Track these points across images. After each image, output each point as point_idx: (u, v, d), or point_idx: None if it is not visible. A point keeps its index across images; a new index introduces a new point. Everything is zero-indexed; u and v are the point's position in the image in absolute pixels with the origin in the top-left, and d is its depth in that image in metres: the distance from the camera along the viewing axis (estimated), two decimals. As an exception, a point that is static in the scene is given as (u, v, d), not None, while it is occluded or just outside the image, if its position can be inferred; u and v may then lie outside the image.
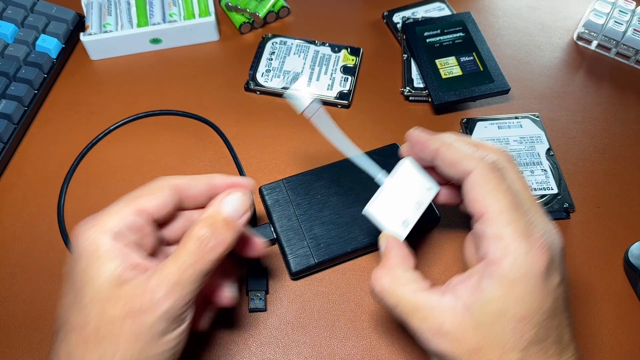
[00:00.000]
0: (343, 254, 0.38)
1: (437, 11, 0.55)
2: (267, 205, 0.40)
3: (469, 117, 0.47)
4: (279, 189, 0.41)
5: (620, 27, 0.51)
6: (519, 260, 0.25)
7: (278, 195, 0.40)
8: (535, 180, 0.43)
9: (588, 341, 0.37)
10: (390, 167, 0.34)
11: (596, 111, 0.49)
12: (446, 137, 0.30)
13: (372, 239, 0.39)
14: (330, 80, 0.50)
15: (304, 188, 0.41)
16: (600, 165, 0.46)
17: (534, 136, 0.46)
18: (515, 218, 0.26)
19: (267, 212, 0.40)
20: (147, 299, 0.25)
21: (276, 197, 0.40)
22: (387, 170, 0.33)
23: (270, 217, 0.39)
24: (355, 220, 0.39)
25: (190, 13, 0.52)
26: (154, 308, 0.25)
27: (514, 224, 0.26)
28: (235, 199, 0.30)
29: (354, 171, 0.40)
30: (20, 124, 0.46)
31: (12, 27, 0.49)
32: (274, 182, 0.41)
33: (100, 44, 0.51)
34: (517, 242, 0.25)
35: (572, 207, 0.42)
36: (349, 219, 0.39)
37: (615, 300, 0.38)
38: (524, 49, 0.54)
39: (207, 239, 0.27)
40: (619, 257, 0.40)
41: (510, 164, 0.29)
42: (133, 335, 0.25)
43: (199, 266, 0.27)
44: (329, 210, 0.40)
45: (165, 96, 0.49)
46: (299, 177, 0.41)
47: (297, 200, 0.40)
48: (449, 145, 0.29)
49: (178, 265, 0.26)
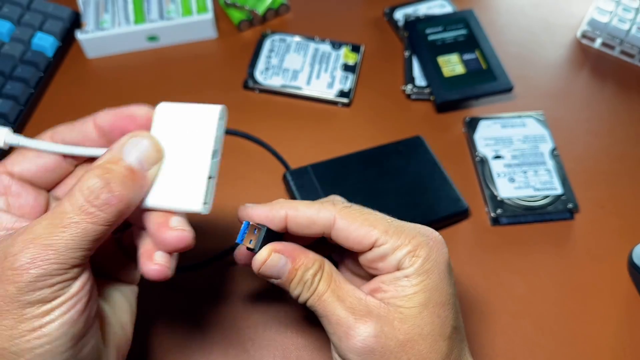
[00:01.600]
0: None
1: (439, 8, 0.54)
2: (292, 191, 0.40)
3: (472, 116, 0.46)
4: (305, 174, 0.41)
5: (624, 25, 0.51)
6: (429, 254, 0.26)
7: (304, 181, 0.41)
8: (539, 181, 0.42)
9: (591, 342, 0.36)
10: (416, 159, 0.35)
11: (600, 110, 0.49)
12: (284, 203, 0.27)
13: None
14: (330, 78, 0.49)
15: (330, 174, 0.41)
16: (604, 164, 0.45)
17: (537, 136, 0.45)
18: (399, 228, 0.27)
19: (293, 197, 0.40)
20: (7, 264, 0.21)
21: (302, 183, 0.40)
22: (415, 163, 0.33)
23: None
24: (384, 208, 0.39)
25: (188, 10, 0.52)
26: (18, 276, 0.21)
27: (404, 233, 0.27)
28: (141, 141, 0.24)
29: (381, 159, 0.42)
30: (17, 123, 0.46)
31: (8, 25, 0.49)
32: (300, 168, 0.41)
33: (96, 41, 0.50)
34: (416, 242, 0.26)
35: (576, 208, 0.41)
36: (379, 207, 0.39)
37: (619, 302, 0.38)
38: (527, 47, 0.53)
39: (97, 192, 0.22)
40: (623, 258, 0.40)
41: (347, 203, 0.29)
42: None
43: (82, 228, 0.22)
44: (358, 197, 0.40)
45: (163, 94, 0.49)
46: (326, 163, 0.42)
47: (324, 186, 0.40)
48: (296, 209, 0.27)
49: (52, 224, 0.22)
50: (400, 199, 0.40)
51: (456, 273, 0.39)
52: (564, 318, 0.37)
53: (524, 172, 0.43)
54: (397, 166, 0.42)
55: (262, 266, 0.26)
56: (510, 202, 0.41)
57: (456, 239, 0.41)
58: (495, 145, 0.44)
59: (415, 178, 0.42)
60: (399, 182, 0.35)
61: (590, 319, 0.37)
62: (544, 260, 0.40)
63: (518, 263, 0.40)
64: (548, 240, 0.41)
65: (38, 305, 0.21)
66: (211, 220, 0.40)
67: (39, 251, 0.21)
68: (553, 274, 0.39)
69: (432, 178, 0.42)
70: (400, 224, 0.27)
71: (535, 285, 0.39)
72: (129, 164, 0.23)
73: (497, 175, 0.43)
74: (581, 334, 0.37)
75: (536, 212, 0.41)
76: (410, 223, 0.28)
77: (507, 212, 0.41)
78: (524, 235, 0.41)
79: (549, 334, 0.37)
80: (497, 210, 0.41)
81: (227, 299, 0.37)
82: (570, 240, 0.41)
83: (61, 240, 0.21)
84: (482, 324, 0.37)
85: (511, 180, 0.42)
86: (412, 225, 0.28)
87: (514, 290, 0.38)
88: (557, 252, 0.40)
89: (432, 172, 0.42)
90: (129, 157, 0.24)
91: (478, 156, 0.44)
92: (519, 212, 0.41)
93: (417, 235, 0.26)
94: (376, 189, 0.41)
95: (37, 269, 0.21)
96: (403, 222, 0.28)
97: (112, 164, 0.23)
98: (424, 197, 0.41)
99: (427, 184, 0.41)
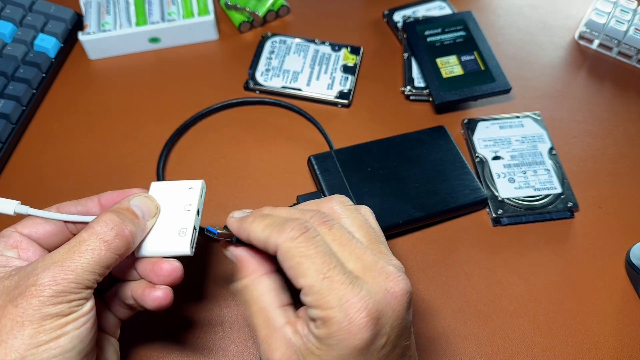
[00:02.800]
0: (393, 225, 0.39)
1: (437, 10, 0.55)
2: (316, 174, 0.41)
3: (470, 118, 0.47)
4: (329, 158, 0.42)
5: (622, 26, 0.51)
6: (334, 333, 0.24)
7: (328, 165, 0.41)
8: (538, 180, 0.43)
9: (589, 342, 0.37)
10: (438, 147, 0.39)
11: (598, 111, 0.49)
12: (253, 220, 0.27)
13: (423, 213, 0.40)
14: (330, 80, 0.49)
15: (354, 159, 0.42)
16: (601, 165, 0.45)
17: (535, 135, 0.45)
18: (327, 288, 0.24)
19: (317, 181, 0.41)
20: (30, 282, 0.24)
21: (326, 167, 0.41)
22: (436, 151, 0.37)
23: (320, 186, 0.40)
24: (405, 194, 0.40)
25: (189, 12, 0.52)
26: (40, 291, 0.24)
27: (329, 295, 0.24)
28: (143, 199, 0.29)
29: (403, 147, 0.43)
30: (19, 124, 0.46)
31: (10, 27, 0.49)
32: (324, 152, 0.42)
33: (98, 43, 0.51)
34: (329, 314, 0.24)
35: (576, 207, 0.42)
36: (400, 193, 0.40)
37: (617, 301, 0.38)
38: (526, 48, 0.53)
39: (113, 224, 0.27)
40: (620, 258, 0.40)
41: (325, 222, 0.26)
42: (17, 322, 0.24)
43: (97, 254, 0.26)
44: (379, 183, 0.40)
45: (164, 95, 0.49)
46: (350, 149, 0.43)
47: (347, 171, 0.41)
48: (254, 232, 0.27)
49: (71, 249, 0.26)
50: (420, 186, 0.41)
51: (455, 272, 0.39)
52: (561, 317, 0.38)
53: (523, 172, 0.43)
54: (419, 154, 0.43)
55: (226, 252, 0.30)
56: (511, 202, 0.42)
57: (457, 239, 0.41)
58: (494, 146, 0.45)
59: (436, 166, 0.42)
60: (420, 170, 0.36)
61: (588, 317, 0.38)
62: (542, 260, 0.40)
63: (516, 262, 0.40)
64: (546, 240, 0.41)
65: (56, 318, 0.24)
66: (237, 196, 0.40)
67: (59, 271, 0.25)
68: (550, 273, 0.39)
69: (453, 167, 0.42)
70: (340, 279, 0.24)
71: (533, 284, 0.39)
72: (135, 212, 0.29)
73: (497, 176, 0.43)
74: (578, 332, 0.37)
75: (537, 212, 0.41)
76: (369, 275, 0.25)
77: (508, 212, 0.41)
78: (523, 235, 0.41)
79: (546, 333, 0.37)
80: (498, 211, 0.41)
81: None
82: (567, 240, 0.41)
83: (79, 263, 0.25)
84: (481, 323, 0.37)
85: (511, 181, 0.43)
86: (341, 292, 0.24)
87: (511, 289, 0.39)
88: (554, 251, 0.41)
89: (453, 161, 0.43)
90: (135, 208, 0.29)
91: (477, 157, 0.44)
92: (519, 212, 0.41)
93: (335, 307, 0.24)
94: (397, 175, 0.41)
95: (57, 286, 0.24)
96: (349, 277, 0.24)
97: (123, 209, 0.28)
98: (444, 185, 0.41)
99: (448, 172, 0.42)
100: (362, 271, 0.25)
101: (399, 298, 0.25)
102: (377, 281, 0.25)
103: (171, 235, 0.30)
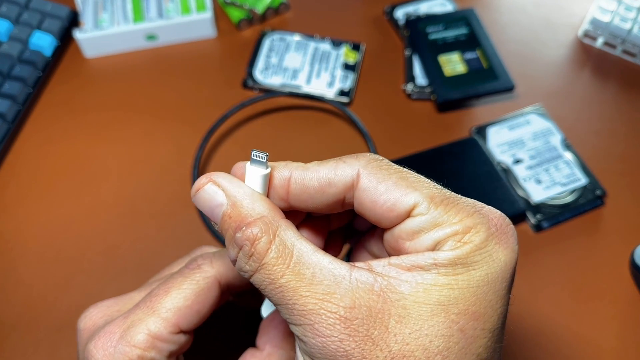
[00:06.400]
0: None
1: (440, 7, 0.54)
2: None
3: (477, 125, 0.45)
4: None
5: (626, 24, 0.50)
6: (484, 243, 0.19)
7: None
8: (561, 175, 0.42)
9: (592, 343, 0.36)
10: (471, 160, 0.39)
11: (602, 109, 0.48)
12: (289, 163, 0.21)
13: None
14: (330, 77, 0.49)
15: None
16: (606, 164, 0.45)
17: (544, 130, 0.45)
18: (450, 200, 0.19)
19: None
20: None
21: None
22: (470, 164, 0.37)
23: None
24: None
25: (187, 8, 0.51)
26: None
27: (456, 206, 0.19)
28: None
29: (435, 162, 0.43)
30: (15, 123, 0.45)
31: (6, 24, 0.49)
32: None
33: (95, 40, 0.50)
34: (470, 222, 0.19)
35: (603, 193, 0.41)
36: None
37: (621, 302, 0.38)
38: (529, 46, 0.53)
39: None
40: (624, 258, 0.40)
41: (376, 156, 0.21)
42: None
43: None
44: None
45: (162, 93, 0.49)
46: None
47: None
48: (305, 168, 0.20)
49: None
50: None
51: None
52: (564, 318, 0.37)
53: (545, 170, 0.42)
54: (452, 168, 0.42)
55: (195, 193, 0.21)
56: (546, 204, 0.41)
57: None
58: (510, 150, 0.44)
59: (471, 180, 0.41)
60: (454, 185, 0.35)
61: (592, 319, 0.37)
62: (543, 260, 0.40)
63: (517, 263, 0.39)
64: (551, 241, 0.41)
65: None
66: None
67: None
68: (553, 274, 0.39)
69: (489, 180, 0.42)
70: (453, 196, 0.20)
71: (536, 285, 0.38)
72: None
73: (523, 180, 0.42)
74: (581, 334, 0.36)
75: (570, 208, 0.41)
76: (470, 199, 0.20)
77: (546, 215, 0.40)
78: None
79: (550, 334, 0.36)
80: (537, 215, 0.40)
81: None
82: (570, 240, 0.41)
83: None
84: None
85: (537, 182, 0.42)
86: (471, 201, 0.20)
87: (513, 291, 0.38)
88: (555, 251, 0.40)
89: (487, 173, 0.42)
90: None
91: (499, 165, 0.43)
92: (556, 211, 0.41)
93: (474, 214, 0.19)
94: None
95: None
96: (459, 196, 0.20)
97: None
98: (480, 199, 0.40)
99: (483, 185, 0.41)
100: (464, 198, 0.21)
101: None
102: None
103: None
